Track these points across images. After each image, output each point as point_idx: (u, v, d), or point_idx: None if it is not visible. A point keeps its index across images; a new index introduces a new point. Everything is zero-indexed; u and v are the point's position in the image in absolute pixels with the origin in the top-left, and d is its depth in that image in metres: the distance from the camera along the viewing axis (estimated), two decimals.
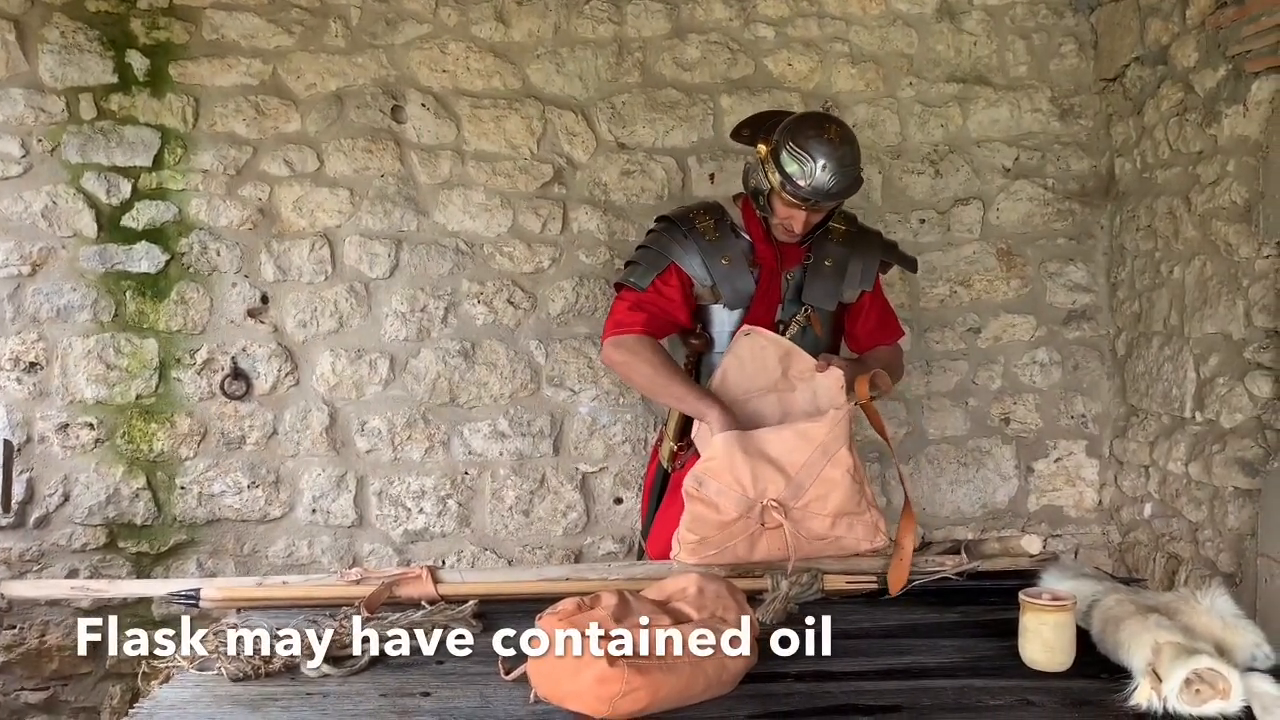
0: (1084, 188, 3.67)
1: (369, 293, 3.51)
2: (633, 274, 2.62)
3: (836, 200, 2.48)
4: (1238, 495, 2.88)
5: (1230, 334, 2.93)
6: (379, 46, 3.50)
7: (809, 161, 2.40)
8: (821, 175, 2.40)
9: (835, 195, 2.45)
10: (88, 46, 3.36)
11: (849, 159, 2.44)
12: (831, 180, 2.41)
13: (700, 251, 2.57)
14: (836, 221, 2.67)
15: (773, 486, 2.17)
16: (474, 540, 3.57)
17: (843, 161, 2.42)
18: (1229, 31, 2.88)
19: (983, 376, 3.69)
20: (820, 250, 2.63)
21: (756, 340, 2.39)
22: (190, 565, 3.46)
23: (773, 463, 2.19)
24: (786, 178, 2.43)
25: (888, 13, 3.62)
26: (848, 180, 2.44)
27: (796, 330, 2.59)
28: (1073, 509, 3.73)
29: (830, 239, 2.65)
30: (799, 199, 2.44)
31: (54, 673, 3.41)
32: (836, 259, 2.64)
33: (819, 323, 2.63)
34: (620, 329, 2.56)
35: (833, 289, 2.63)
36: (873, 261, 2.71)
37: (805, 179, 2.41)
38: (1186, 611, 1.71)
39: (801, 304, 2.61)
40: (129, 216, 3.39)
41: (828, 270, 2.62)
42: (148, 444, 3.42)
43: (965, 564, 2.22)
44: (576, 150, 3.56)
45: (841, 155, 2.42)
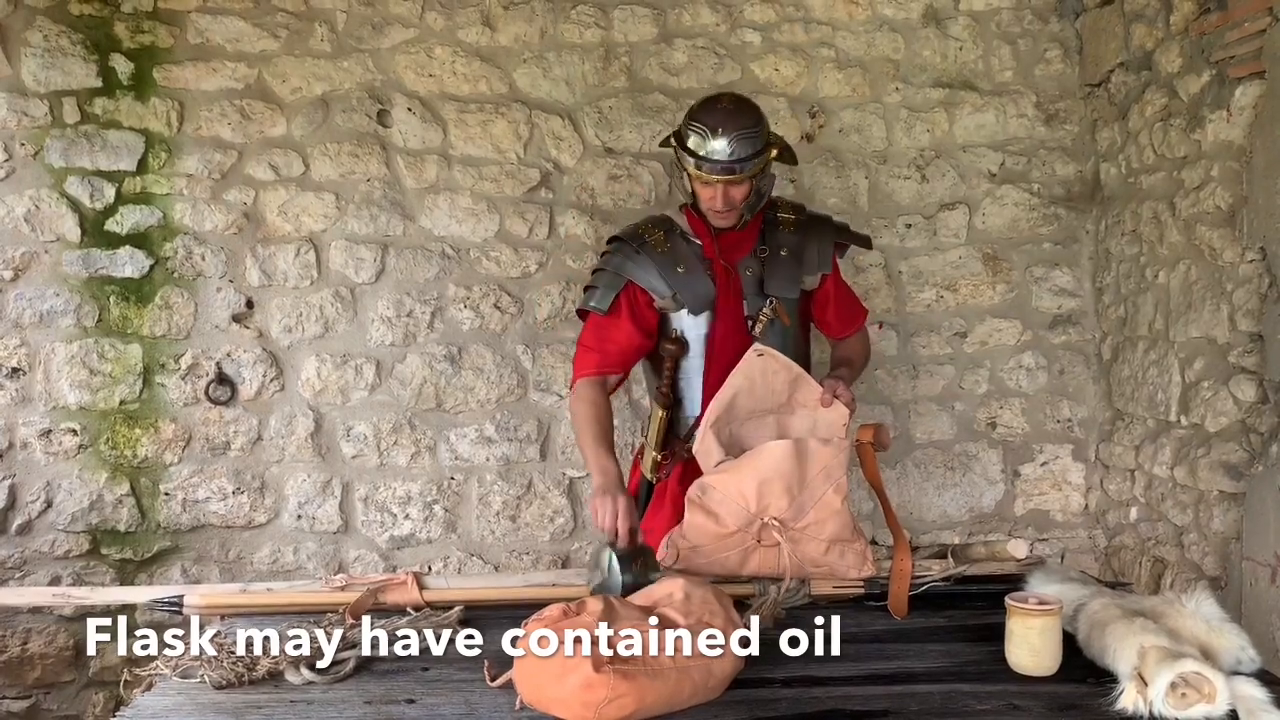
0: (1069, 193, 3.68)
1: (355, 298, 3.50)
2: (592, 298, 2.65)
3: (740, 165, 2.51)
4: (1223, 499, 2.89)
5: (1215, 338, 2.94)
6: (365, 51, 3.49)
7: (705, 132, 2.50)
8: (718, 142, 2.48)
9: (736, 160, 2.49)
10: (71, 50, 3.34)
11: (746, 122, 2.51)
12: (728, 145, 2.48)
13: (655, 264, 2.61)
14: (785, 211, 2.72)
15: (775, 504, 2.16)
16: (460, 546, 3.56)
17: (740, 127, 2.50)
18: (1212, 37, 2.90)
19: (969, 381, 3.69)
20: (774, 241, 2.67)
21: (769, 363, 2.36)
22: (174, 572, 3.44)
23: (779, 481, 2.17)
24: (689, 152, 2.52)
25: (874, 18, 3.63)
26: (746, 144, 2.50)
27: (765, 323, 2.60)
28: (1059, 513, 3.73)
29: (781, 229, 2.68)
30: (705, 171, 2.50)
31: (36, 681, 3.38)
32: (791, 247, 2.67)
33: (785, 313, 2.64)
34: (577, 374, 2.63)
35: (793, 277, 2.66)
36: (827, 244, 2.73)
37: (702, 148, 2.50)
38: (1172, 615, 1.72)
39: (765, 296, 2.62)
40: (113, 221, 3.37)
41: (784, 259, 2.66)
42: (131, 450, 3.40)
43: (952, 568, 2.21)
44: (563, 155, 3.56)
45: (736, 121, 2.50)
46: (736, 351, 2.50)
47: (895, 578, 2.15)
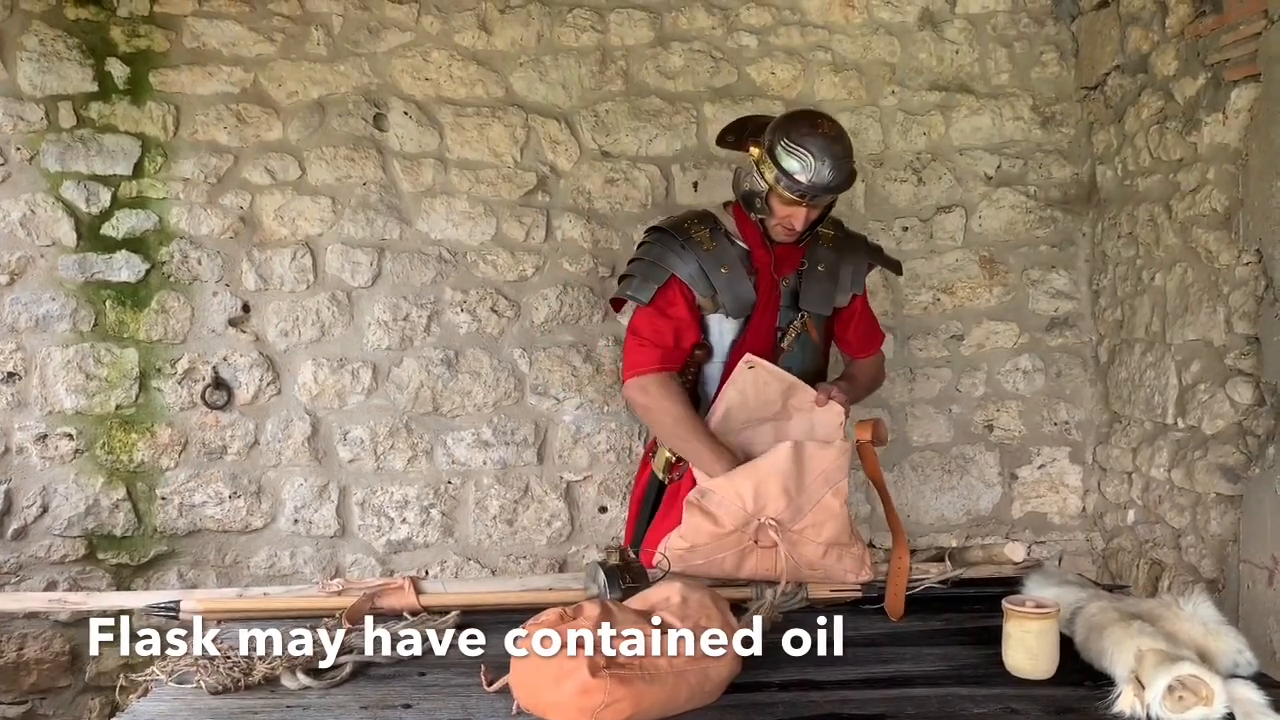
0: (1066, 195, 3.69)
1: (351, 301, 3.50)
2: (630, 287, 2.57)
3: (835, 193, 2.49)
4: (1220, 501, 2.89)
5: (1211, 340, 2.94)
6: (361, 54, 3.49)
7: (806, 156, 2.41)
8: (820, 168, 2.41)
9: (834, 188, 2.46)
10: (67, 54, 3.34)
11: (843, 151, 2.46)
12: (830, 173, 2.42)
13: (699, 261, 2.53)
14: (825, 227, 2.67)
15: (773, 505, 2.15)
16: (457, 550, 3.56)
17: (838, 154, 2.43)
18: (1208, 40, 2.90)
19: (966, 383, 3.70)
20: (813, 256, 2.63)
21: (760, 375, 2.36)
22: (171, 577, 3.43)
23: (776, 481, 2.17)
24: (785, 174, 2.42)
25: (870, 21, 3.63)
26: (844, 172, 2.45)
27: (794, 336, 2.59)
28: (1056, 516, 3.74)
29: (821, 244, 2.65)
30: (798, 194, 2.43)
31: (32, 686, 3.37)
32: (828, 264, 2.64)
33: (814, 328, 2.63)
34: (638, 369, 2.51)
35: (828, 294, 2.63)
36: (861, 265, 2.71)
37: (804, 173, 2.41)
38: (1169, 618, 1.72)
39: (798, 310, 2.61)
40: (109, 225, 3.37)
41: (821, 275, 2.63)
42: (128, 454, 3.39)
43: (949, 571, 2.21)
44: (560, 158, 3.56)
45: (836, 148, 2.44)
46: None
47: (893, 575, 2.15)
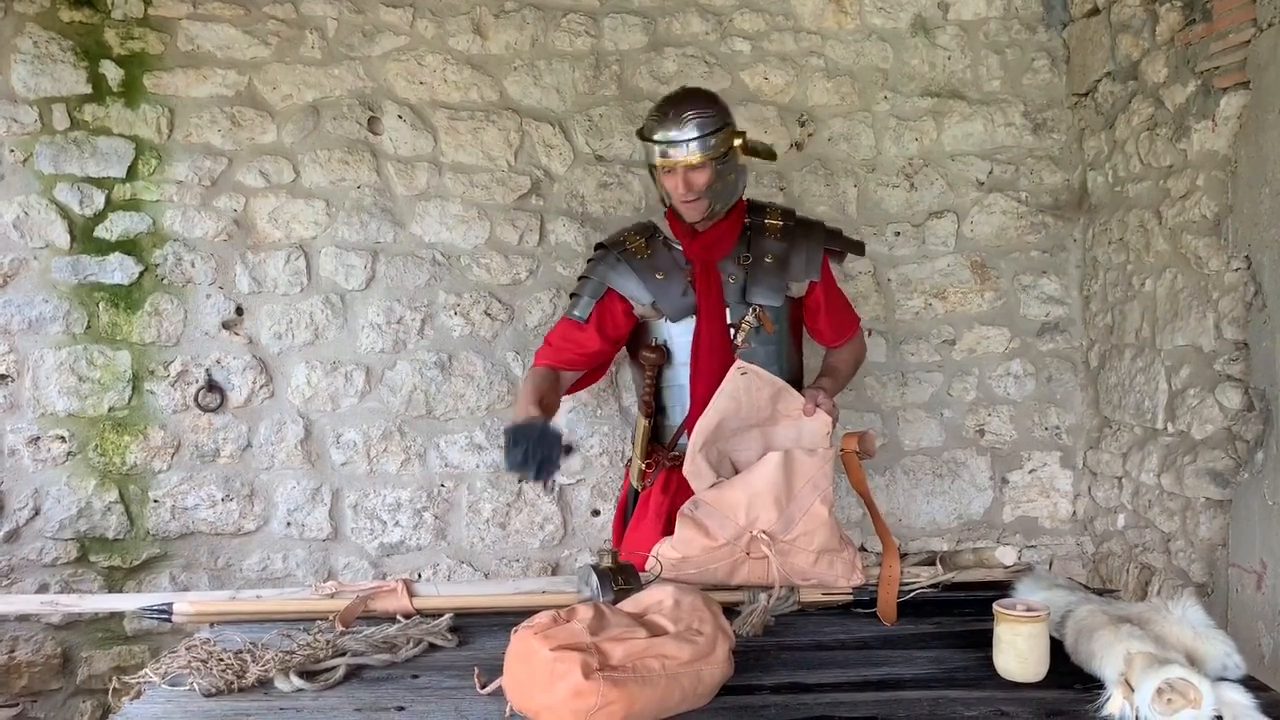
0: (1057, 201, 3.71)
1: (345, 304, 3.50)
2: (575, 306, 2.70)
3: (699, 144, 2.53)
4: (1209, 506, 2.91)
5: (1201, 346, 2.96)
6: (356, 58, 3.50)
7: (660, 117, 2.56)
8: (672, 125, 2.53)
9: (691, 138, 2.52)
10: (61, 56, 3.34)
11: (699, 105, 2.57)
12: (683, 126, 2.52)
13: (635, 272, 2.64)
14: (773, 218, 2.73)
15: (765, 517, 2.16)
16: (450, 553, 3.56)
17: (691, 107, 2.55)
18: (1198, 48, 2.92)
19: (957, 388, 3.71)
20: (759, 247, 2.68)
21: (753, 380, 2.38)
22: (163, 579, 3.43)
23: (768, 494, 2.18)
24: (651, 141, 2.57)
25: (863, 27, 3.65)
26: (701, 123, 2.54)
27: (749, 331, 2.61)
28: (1047, 520, 3.75)
29: (767, 235, 2.70)
30: (662, 155, 2.54)
31: (24, 689, 3.36)
32: (777, 254, 2.68)
33: (768, 320, 2.65)
34: (535, 362, 2.72)
35: (777, 284, 2.66)
36: (816, 251, 2.73)
37: (660, 130, 2.55)
38: (1159, 622, 1.73)
39: (749, 304, 2.63)
40: (102, 227, 3.36)
41: (769, 266, 2.67)
42: (120, 457, 3.39)
43: (940, 575, 2.23)
44: (554, 162, 3.57)
45: (684, 105, 2.56)
46: (721, 359, 2.51)
47: (884, 583, 2.16)
